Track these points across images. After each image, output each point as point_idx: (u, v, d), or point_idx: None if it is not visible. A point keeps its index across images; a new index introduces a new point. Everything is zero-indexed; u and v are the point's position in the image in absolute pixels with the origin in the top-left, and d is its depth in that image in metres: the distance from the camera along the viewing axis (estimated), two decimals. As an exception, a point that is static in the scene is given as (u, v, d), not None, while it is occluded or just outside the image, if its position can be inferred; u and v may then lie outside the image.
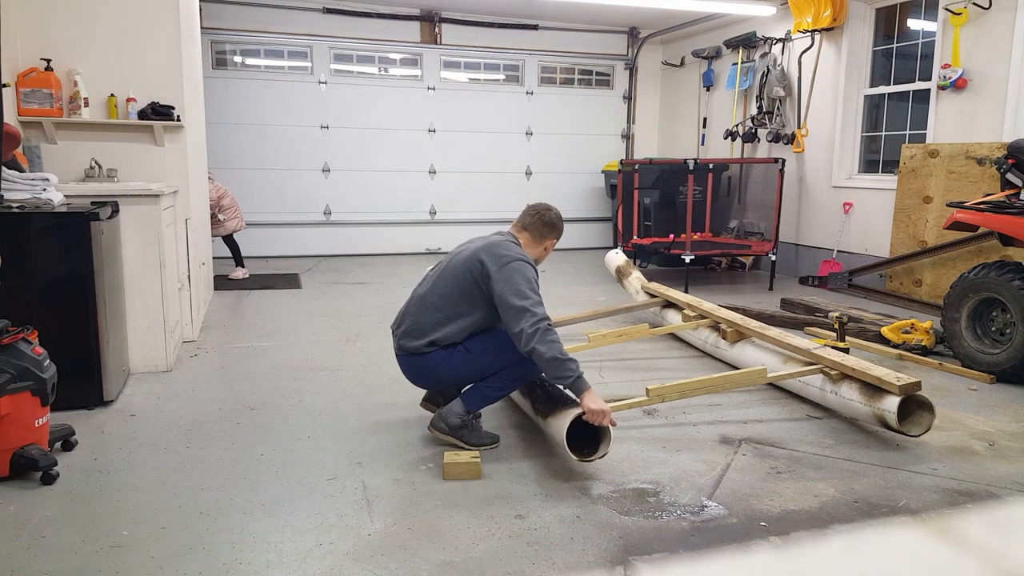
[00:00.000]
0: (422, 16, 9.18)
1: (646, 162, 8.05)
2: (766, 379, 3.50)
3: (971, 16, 5.87)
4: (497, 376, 3.05)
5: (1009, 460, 3.10)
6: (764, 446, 3.22)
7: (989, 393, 4.02)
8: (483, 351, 3.03)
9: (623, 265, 5.81)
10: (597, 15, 9.29)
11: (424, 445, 3.15)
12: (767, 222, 7.76)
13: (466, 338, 3.05)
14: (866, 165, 7.40)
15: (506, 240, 3.11)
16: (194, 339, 4.89)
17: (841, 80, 7.25)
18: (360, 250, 9.26)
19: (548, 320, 2.86)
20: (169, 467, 2.92)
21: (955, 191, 5.82)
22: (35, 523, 2.45)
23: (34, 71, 4.42)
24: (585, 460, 2.82)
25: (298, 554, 2.28)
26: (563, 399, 2.97)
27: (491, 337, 3.07)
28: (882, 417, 3.16)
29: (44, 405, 2.83)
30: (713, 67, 9.10)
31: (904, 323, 4.94)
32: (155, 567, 2.20)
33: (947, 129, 6.19)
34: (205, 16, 7.88)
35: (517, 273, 2.92)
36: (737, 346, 4.30)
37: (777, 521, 2.55)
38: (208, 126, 6.67)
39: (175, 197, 4.67)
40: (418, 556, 2.28)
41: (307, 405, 3.67)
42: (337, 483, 2.79)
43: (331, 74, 9.02)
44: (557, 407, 2.94)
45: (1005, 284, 4.18)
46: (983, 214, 4.45)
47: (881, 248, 6.80)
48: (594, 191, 10.14)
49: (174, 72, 4.78)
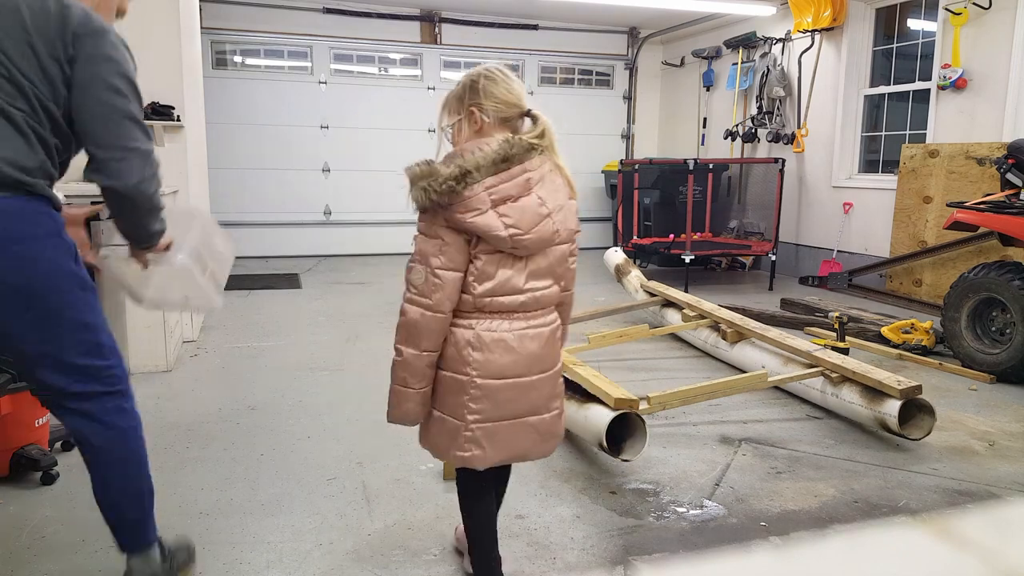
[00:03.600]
0: (422, 16, 9.18)
1: (646, 162, 8.05)
2: (767, 384, 3.49)
3: (971, 16, 5.87)
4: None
5: (1009, 460, 3.10)
6: (764, 446, 3.22)
7: (989, 393, 4.02)
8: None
9: (622, 263, 5.82)
10: (597, 15, 9.28)
11: (424, 445, 3.15)
12: (767, 222, 7.75)
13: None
14: (866, 165, 7.40)
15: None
16: (194, 339, 4.89)
17: (841, 80, 7.25)
18: (360, 250, 9.25)
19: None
20: (169, 467, 2.92)
21: (955, 191, 5.82)
22: (35, 523, 2.45)
23: (34, 71, 4.42)
24: (625, 460, 2.82)
25: (298, 554, 2.28)
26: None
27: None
28: (883, 420, 3.16)
29: (44, 405, 2.83)
30: (713, 67, 9.10)
31: (904, 323, 4.94)
32: (155, 567, 2.20)
33: (947, 129, 6.19)
34: (205, 16, 7.88)
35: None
36: (737, 347, 4.30)
37: (777, 521, 2.55)
38: (208, 126, 6.66)
39: (175, 197, 4.67)
40: (418, 556, 2.28)
41: (307, 405, 3.67)
42: (337, 483, 2.79)
43: (331, 74, 9.02)
44: (590, 396, 2.95)
45: (1005, 284, 4.18)
46: (983, 214, 4.45)
47: (881, 248, 6.80)
48: (594, 191, 10.14)
49: (174, 72, 4.78)
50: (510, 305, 1.83)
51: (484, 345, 1.80)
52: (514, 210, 1.76)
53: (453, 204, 1.74)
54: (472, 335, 1.81)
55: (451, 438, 1.85)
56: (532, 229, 1.78)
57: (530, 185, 1.79)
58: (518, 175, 1.77)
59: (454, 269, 1.78)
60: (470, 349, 1.81)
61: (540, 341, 1.86)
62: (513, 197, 1.76)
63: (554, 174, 1.86)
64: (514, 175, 1.76)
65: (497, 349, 1.81)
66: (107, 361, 1.86)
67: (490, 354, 1.81)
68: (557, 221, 1.83)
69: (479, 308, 1.82)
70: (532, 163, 1.79)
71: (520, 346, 1.83)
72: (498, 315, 1.83)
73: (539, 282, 1.86)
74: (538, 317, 1.88)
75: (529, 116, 1.90)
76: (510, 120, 1.89)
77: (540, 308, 1.88)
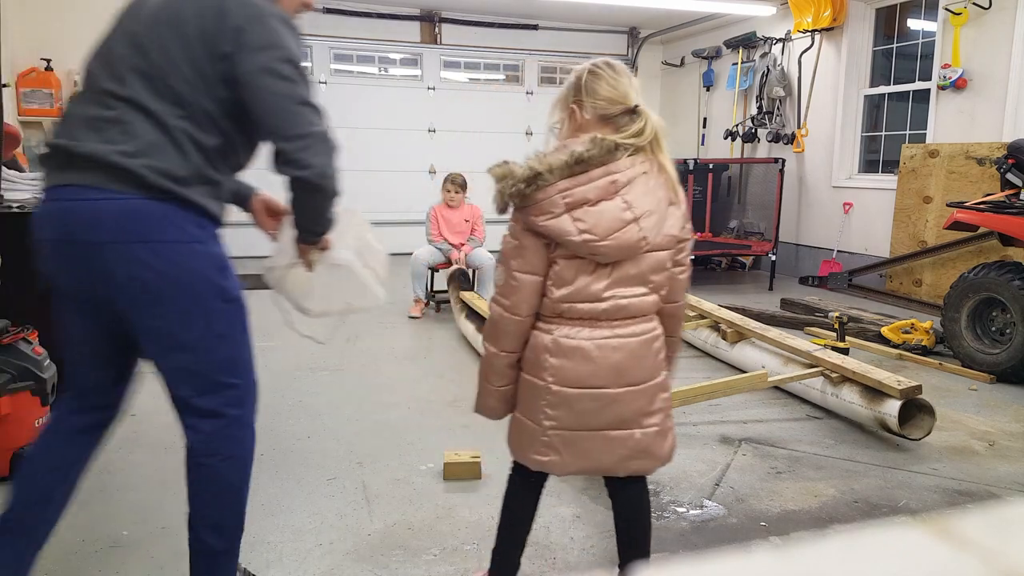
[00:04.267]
0: (422, 16, 9.18)
1: (646, 162, 8.04)
2: (767, 384, 3.49)
3: (971, 16, 5.87)
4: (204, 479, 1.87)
5: (1009, 460, 3.10)
6: (764, 446, 3.22)
7: (989, 393, 4.02)
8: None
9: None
10: (597, 15, 9.28)
11: (424, 445, 3.15)
12: (767, 222, 7.76)
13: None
14: (866, 165, 7.40)
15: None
16: (194, 339, 4.88)
17: (841, 80, 7.25)
18: (360, 250, 9.25)
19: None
20: (169, 467, 2.92)
21: (955, 191, 5.82)
22: (35, 523, 2.45)
23: (34, 71, 4.42)
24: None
25: (298, 554, 2.28)
26: None
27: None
28: (883, 421, 3.16)
29: (44, 405, 2.83)
30: (713, 67, 9.10)
31: (904, 323, 4.95)
32: (155, 567, 2.21)
33: (947, 129, 6.19)
34: (205, 16, 7.88)
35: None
36: (737, 347, 4.30)
37: (777, 521, 2.55)
38: (208, 126, 6.66)
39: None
40: (418, 556, 2.29)
41: (307, 405, 3.67)
42: (337, 483, 2.79)
43: (331, 74, 9.02)
44: None
45: (1005, 284, 4.18)
46: (983, 214, 4.45)
47: (881, 248, 6.80)
48: (594, 191, 10.14)
49: (174, 72, 4.78)
50: (590, 312, 1.73)
51: (561, 352, 1.73)
52: (591, 215, 1.66)
53: (527, 207, 1.69)
54: (550, 340, 1.74)
55: (529, 441, 1.81)
56: (610, 235, 1.67)
57: (615, 188, 1.68)
58: (599, 177, 1.67)
59: (531, 272, 1.73)
60: (547, 355, 1.74)
61: (626, 352, 1.75)
62: (591, 201, 1.66)
63: (651, 176, 1.73)
64: (594, 177, 1.67)
65: (575, 357, 1.73)
66: (232, 380, 1.79)
67: (567, 361, 1.73)
68: (645, 227, 1.70)
69: (559, 313, 1.74)
70: (620, 164, 1.69)
71: (601, 356, 1.73)
72: (579, 322, 1.74)
73: (626, 289, 1.74)
74: (626, 326, 1.76)
75: (635, 112, 1.76)
76: (613, 117, 1.76)
77: (628, 317, 1.76)
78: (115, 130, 1.65)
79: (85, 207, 1.64)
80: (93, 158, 1.63)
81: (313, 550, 2.31)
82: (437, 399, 3.72)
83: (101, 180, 1.63)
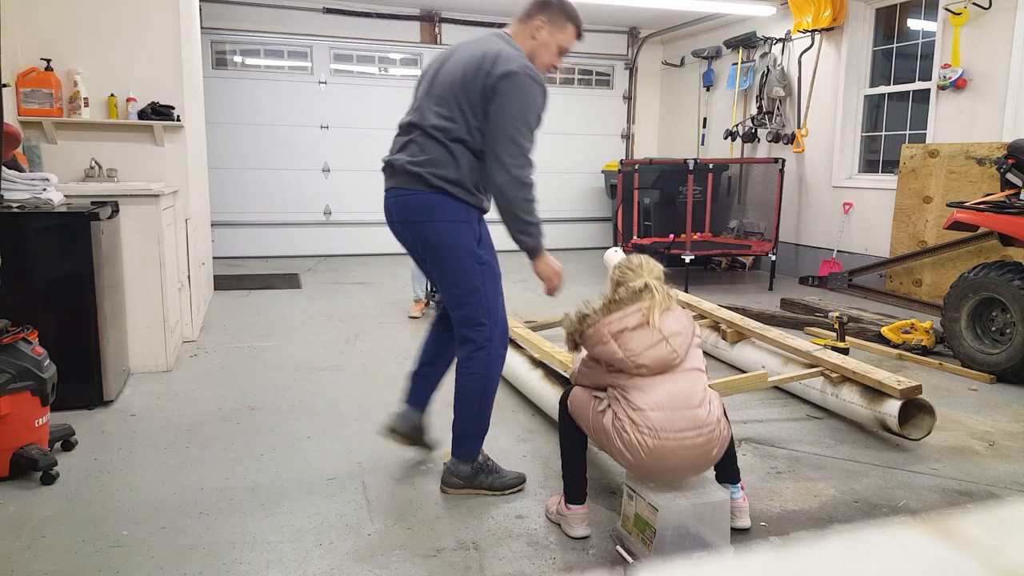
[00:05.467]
0: (422, 16, 9.18)
1: (646, 162, 8.05)
2: (767, 384, 3.49)
3: (971, 16, 5.87)
4: (465, 392, 2.68)
5: (1009, 460, 3.10)
6: (764, 446, 3.22)
7: (989, 393, 4.02)
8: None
9: (623, 265, 5.81)
10: (597, 15, 9.28)
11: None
12: (767, 222, 7.76)
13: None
14: (866, 165, 7.40)
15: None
16: (194, 339, 4.89)
17: (841, 80, 7.25)
18: (360, 250, 9.25)
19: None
20: (169, 467, 2.92)
21: (955, 191, 5.82)
22: (35, 523, 2.45)
23: (34, 71, 4.42)
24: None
25: (298, 554, 2.28)
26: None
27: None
28: (883, 421, 3.16)
29: (44, 405, 2.83)
30: (713, 67, 9.10)
31: (904, 323, 4.94)
32: (155, 567, 2.20)
33: (947, 129, 6.19)
34: (205, 16, 7.88)
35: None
36: (737, 346, 4.30)
37: (777, 521, 2.55)
38: (208, 126, 6.66)
39: (175, 197, 4.67)
40: (418, 556, 2.29)
41: (307, 405, 3.67)
42: (337, 483, 2.80)
43: (331, 74, 9.02)
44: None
45: (1005, 284, 4.18)
46: (983, 214, 4.45)
47: (881, 248, 6.80)
48: (594, 191, 10.14)
49: (174, 72, 4.78)
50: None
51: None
52: (631, 339, 2.17)
53: (585, 340, 2.26)
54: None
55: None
56: (645, 352, 2.17)
57: (646, 317, 2.19)
58: (632, 312, 2.21)
59: (589, 386, 2.38)
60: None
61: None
62: (630, 328, 2.18)
63: (669, 307, 2.27)
64: (628, 312, 2.21)
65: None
66: (483, 320, 2.59)
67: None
68: (675, 344, 2.20)
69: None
70: (643, 302, 2.22)
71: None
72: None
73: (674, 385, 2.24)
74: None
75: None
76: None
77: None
78: (414, 148, 2.56)
79: (400, 200, 2.59)
80: (403, 169, 2.56)
81: (313, 550, 2.31)
82: (437, 399, 3.71)
83: (406, 183, 2.56)
